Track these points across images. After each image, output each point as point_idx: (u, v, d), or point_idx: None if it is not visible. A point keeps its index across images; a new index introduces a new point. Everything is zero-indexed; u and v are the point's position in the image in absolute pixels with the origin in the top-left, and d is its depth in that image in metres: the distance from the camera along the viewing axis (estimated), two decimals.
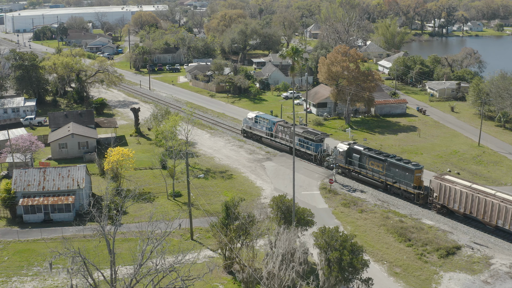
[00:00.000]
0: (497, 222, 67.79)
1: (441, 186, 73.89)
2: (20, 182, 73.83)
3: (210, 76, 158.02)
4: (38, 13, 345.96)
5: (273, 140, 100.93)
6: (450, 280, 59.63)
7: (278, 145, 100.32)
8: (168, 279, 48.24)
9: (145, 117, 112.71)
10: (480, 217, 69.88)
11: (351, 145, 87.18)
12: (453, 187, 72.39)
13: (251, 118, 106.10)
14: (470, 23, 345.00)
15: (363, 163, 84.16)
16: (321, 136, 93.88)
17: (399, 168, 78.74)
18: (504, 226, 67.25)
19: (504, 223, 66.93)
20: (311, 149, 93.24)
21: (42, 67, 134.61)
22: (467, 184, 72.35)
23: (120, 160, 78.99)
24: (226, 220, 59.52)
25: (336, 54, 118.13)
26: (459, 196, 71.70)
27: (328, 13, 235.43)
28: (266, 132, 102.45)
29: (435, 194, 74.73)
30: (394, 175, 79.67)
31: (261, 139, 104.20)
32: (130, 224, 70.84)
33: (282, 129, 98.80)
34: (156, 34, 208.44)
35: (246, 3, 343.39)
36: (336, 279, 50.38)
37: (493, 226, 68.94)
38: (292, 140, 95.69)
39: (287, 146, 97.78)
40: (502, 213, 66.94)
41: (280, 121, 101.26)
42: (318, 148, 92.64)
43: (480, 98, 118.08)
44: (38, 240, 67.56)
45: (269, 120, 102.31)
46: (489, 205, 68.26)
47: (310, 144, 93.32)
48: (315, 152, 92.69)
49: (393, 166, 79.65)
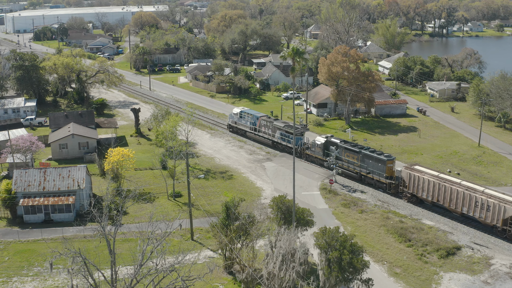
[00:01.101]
0: (462, 209, 71.21)
1: (410, 176, 77.40)
2: (21, 182, 73.89)
3: (211, 77, 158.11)
4: (38, 14, 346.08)
5: (257, 134, 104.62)
6: (450, 281, 59.68)
7: (261, 139, 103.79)
8: (168, 279, 48.28)
9: (145, 117, 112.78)
10: (447, 204, 73.19)
11: (328, 138, 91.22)
12: (422, 176, 75.72)
13: (236, 113, 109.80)
14: (470, 23, 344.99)
15: (340, 155, 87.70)
16: (301, 130, 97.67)
17: (372, 159, 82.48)
18: (468, 213, 70.56)
19: (468, 210, 70.37)
20: (291, 142, 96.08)
21: (42, 68, 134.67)
22: (435, 174, 75.77)
23: (121, 160, 79.05)
24: (226, 221, 59.57)
25: (336, 55, 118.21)
26: (427, 185, 75.00)
27: (328, 13, 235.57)
28: (250, 126, 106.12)
29: (406, 183, 78.33)
30: (368, 166, 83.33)
31: (245, 134, 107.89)
32: (130, 224, 70.90)
33: (265, 124, 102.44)
34: (157, 34, 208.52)
35: (246, 4, 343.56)
36: (336, 279, 50.43)
37: (459, 213, 72.22)
38: (273, 134, 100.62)
39: (270, 140, 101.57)
40: (466, 201, 70.43)
41: (263, 116, 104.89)
42: (298, 141, 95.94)
43: (480, 99, 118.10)
44: (38, 240, 67.62)
45: (253, 115, 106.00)
46: (455, 193, 71.68)
47: (291, 138, 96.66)
48: (295, 145, 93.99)
49: (367, 158, 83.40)
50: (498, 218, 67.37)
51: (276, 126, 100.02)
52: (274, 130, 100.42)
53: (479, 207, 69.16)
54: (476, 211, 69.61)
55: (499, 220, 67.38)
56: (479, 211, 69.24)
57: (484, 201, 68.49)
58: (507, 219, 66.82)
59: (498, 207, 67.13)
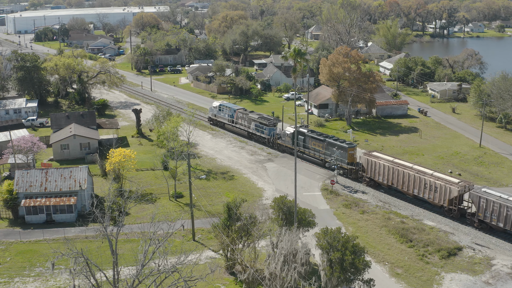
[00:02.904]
0: (413, 191, 77.04)
1: (368, 162, 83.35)
2: (22, 183, 73.99)
3: (212, 77, 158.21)
4: (39, 14, 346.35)
5: (234, 126, 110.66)
6: (452, 281, 59.70)
7: (238, 130, 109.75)
8: (170, 279, 48.32)
9: (146, 118, 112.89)
10: (400, 187, 79.08)
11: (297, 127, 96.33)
12: (378, 161, 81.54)
13: (215, 106, 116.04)
14: (471, 24, 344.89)
15: (307, 143, 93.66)
16: (274, 121, 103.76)
17: (336, 146, 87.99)
18: (419, 194, 76.42)
19: (419, 191, 76.23)
20: (265, 132, 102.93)
21: (43, 68, 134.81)
22: (390, 159, 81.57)
23: (122, 161, 79.14)
24: (228, 221, 59.63)
25: (338, 55, 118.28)
26: (383, 170, 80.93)
27: (329, 14, 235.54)
28: (228, 119, 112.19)
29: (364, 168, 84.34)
30: (332, 153, 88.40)
31: (224, 126, 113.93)
32: (132, 225, 71.00)
33: (242, 116, 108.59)
34: (158, 35, 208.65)
35: (248, 4, 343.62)
36: (338, 280, 50.49)
37: (411, 195, 78.05)
38: (249, 125, 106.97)
39: (246, 131, 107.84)
40: (417, 183, 76.26)
41: (240, 109, 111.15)
42: (271, 132, 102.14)
43: (481, 99, 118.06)
44: (40, 241, 67.72)
45: (230, 108, 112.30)
46: (407, 176, 77.50)
47: (264, 128, 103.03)
48: (268, 136, 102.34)
49: (331, 145, 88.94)
50: (445, 199, 73.04)
51: (251, 118, 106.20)
52: (250, 121, 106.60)
53: (428, 189, 74.76)
54: (425, 193, 75.30)
55: (445, 200, 73.07)
56: (428, 193, 74.93)
57: (432, 183, 74.00)
58: (452, 199, 72.42)
59: (444, 188, 72.71)
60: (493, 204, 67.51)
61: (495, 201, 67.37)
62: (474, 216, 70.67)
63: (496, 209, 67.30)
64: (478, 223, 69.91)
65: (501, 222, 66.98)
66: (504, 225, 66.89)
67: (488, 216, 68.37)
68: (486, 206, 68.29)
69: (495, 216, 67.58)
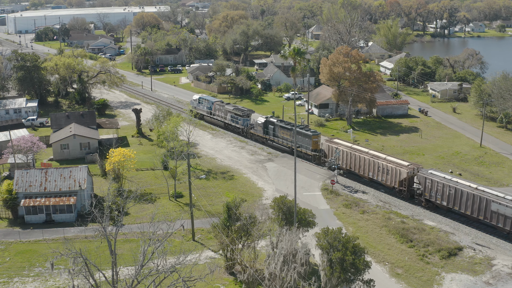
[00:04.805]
0: (369, 174, 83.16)
1: (329, 148, 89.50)
2: (22, 183, 73.89)
3: (212, 77, 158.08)
4: (40, 14, 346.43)
5: (212, 117, 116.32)
6: (452, 281, 59.54)
7: (216, 122, 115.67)
8: (169, 280, 48.21)
9: (146, 118, 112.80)
10: (357, 171, 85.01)
11: (267, 118, 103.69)
12: (338, 148, 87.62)
13: (195, 99, 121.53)
14: (472, 24, 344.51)
15: (276, 132, 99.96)
16: (247, 112, 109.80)
17: (301, 135, 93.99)
18: (373, 177, 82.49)
19: (373, 174, 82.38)
20: (239, 123, 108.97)
21: (44, 68, 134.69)
22: (349, 145, 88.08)
23: (122, 161, 79.01)
24: (227, 221, 59.50)
25: (338, 55, 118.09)
26: (342, 155, 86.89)
27: (330, 14, 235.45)
28: (207, 111, 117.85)
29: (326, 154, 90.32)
30: (298, 141, 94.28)
31: (203, 117, 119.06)
32: (131, 225, 70.87)
33: (219, 108, 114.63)
34: (158, 35, 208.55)
35: (248, 4, 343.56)
36: (338, 280, 50.33)
37: (367, 178, 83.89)
38: (225, 117, 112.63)
39: (222, 121, 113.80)
40: (371, 167, 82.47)
41: (217, 101, 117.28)
42: (245, 122, 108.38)
43: (482, 99, 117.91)
44: (39, 241, 67.61)
45: (208, 100, 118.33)
46: (363, 161, 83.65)
47: (238, 119, 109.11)
48: (242, 126, 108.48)
49: (297, 134, 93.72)
50: (396, 180, 78.99)
51: (227, 109, 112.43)
52: (226, 113, 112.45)
53: (381, 171, 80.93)
54: (379, 175, 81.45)
55: (396, 182, 78.97)
56: (381, 175, 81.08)
57: (384, 166, 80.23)
58: (402, 180, 78.31)
59: (395, 171, 78.72)
60: (437, 184, 73.61)
61: (439, 181, 73.41)
62: (421, 196, 76.59)
63: (440, 188, 73.36)
64: (425, 202, 76.17)
65: (445, 200, 73.28)
66: (447, 203, 73.01)
67: (433, 196, 74.59)
68: (431, 186, 74.44)
69: (439, 195, 73.75)
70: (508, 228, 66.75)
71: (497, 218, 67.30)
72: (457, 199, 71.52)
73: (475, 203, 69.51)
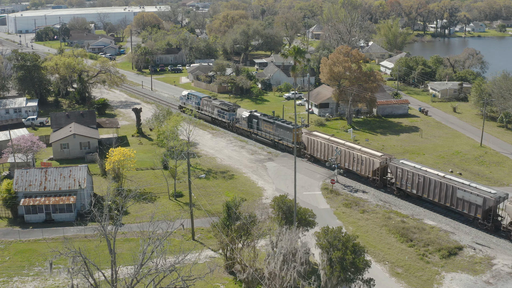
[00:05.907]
0: (345, 165, 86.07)
1: (308, 140, 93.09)
2: (22, 182, 73.84)
3: (212, 77, 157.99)
4: (40, 14, 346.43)
5: (200, 112, 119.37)
6: (452, 281, 59.46)
7: (204, 116, 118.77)
8: (169, 279, 48.17)
9: (146, 117, 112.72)
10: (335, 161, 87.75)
11: (252, 112, 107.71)
12: (316, 140, 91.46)
13: (184, 95, 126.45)
14: (472, 24, 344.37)
15: (260, 126, 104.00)
16: (233, 107, 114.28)
17: (283, 128, 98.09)
18: (349, 167, 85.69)
19: (349, 165, 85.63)
20: (225, 117, 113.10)
21: (44, 68, 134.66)
22: (327, 137, 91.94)
23: (122, 160, 78.92)
24: (227, 221, 59.45)
25: (338, 55, 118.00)
26: (320, 147, 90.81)
27: (330, 13, 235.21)
28: (195, 106, 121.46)
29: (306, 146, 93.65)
30: (280, 134, 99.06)
31: (192, 112, 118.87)
32: (131, 224, 70.80)
33: (207, 103, 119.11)
34: (158, 34, 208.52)
35: (248, 4, 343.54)
36: (338, 279, 50.25)
37: (343, 168, 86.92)
38: (212, 111, 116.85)
39: (210, 116, 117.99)
40: (347, 158, 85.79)
41: (205, 97, 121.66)
42: (231, 117, 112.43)
43: (482, 99, 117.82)
44: (39, 240, 67.56)
45: (197, 96, 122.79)
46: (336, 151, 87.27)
47: (225, 114, 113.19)
48: (228, 120, 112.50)
49: (279, 127, 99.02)
50: (369, 170, 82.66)
51: (214, 104, 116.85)
52: (213, 108, 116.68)
53: (356, 162, 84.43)
54: (354, 166, 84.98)
55: (370, 171, 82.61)
56: (356, 165, 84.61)
57: (359, 157, 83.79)
58: (375, 170, 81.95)
59: (369, 161, 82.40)
60: (407, 173, 77.14)
61: (409, 170, 76.92)
62: (393, 185, 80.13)
63: (410, 177, 76.88)
64: (397, 190, 79.62)
65: (414, 189, 76.65)
66: (417, 191, 76.40)
67: (404, 184, 78.09)
68: (402, 175, 77.95)
69: (409, 184, 77.22)
70: (472, 214, 70.02)
71: (463, 205, 70.84)
72: (426, 187, 74.88)
73: (442, 191, 72.97)
